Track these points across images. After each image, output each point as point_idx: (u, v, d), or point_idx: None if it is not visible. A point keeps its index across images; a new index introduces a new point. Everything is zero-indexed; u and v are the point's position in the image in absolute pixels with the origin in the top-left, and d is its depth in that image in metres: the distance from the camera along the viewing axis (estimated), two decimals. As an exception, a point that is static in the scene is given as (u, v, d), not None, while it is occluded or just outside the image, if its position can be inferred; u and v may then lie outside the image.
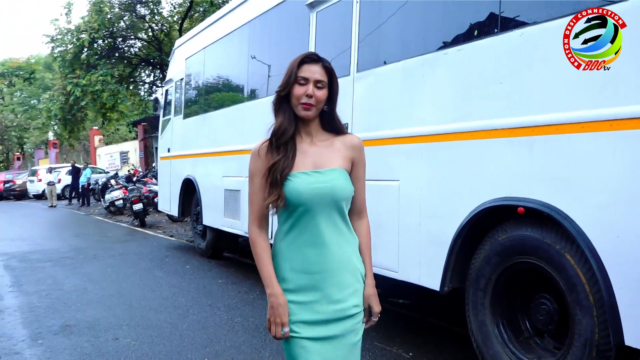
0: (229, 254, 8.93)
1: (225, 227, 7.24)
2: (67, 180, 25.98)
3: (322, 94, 1.99)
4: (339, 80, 2.11)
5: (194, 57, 8.63)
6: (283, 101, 2.03)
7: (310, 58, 2.02)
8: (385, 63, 4.34)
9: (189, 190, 8.75)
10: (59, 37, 20.76)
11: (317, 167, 2.00)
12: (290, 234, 2.00)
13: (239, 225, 6.76)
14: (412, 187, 3.98)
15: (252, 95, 6.65)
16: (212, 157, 7.64)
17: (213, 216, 7.69)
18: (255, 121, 6.15)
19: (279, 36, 6.17)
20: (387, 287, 6.01)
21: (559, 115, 2.95)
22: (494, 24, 3.39)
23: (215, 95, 8.07)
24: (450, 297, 3.98)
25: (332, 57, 4.92)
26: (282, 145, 1.99)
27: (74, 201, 23.73)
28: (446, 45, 3.76)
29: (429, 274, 3.83)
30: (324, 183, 1.95)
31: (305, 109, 1.98)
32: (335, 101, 2.06)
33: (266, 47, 6.40)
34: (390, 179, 4.19)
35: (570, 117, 2.89)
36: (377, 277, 4.35)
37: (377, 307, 2.11)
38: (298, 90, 1.97)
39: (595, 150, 2.77)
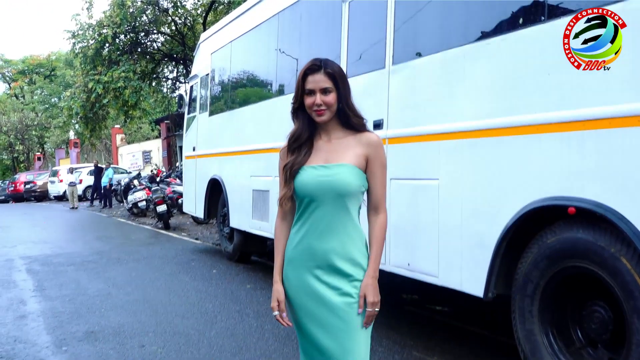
0: (257, 257, 8.99)
1: (254, 229, 7.30)
2: (89, 180, 26.50)
3: (330, 98, 2.25)
4: (374, 74, 2.19)
5: (220, 52, 8.72)
6: (298, 110, 2.33)
7: (312, 68, 2.27)
8: (423, 55, 4.32)
9: (215, 191, 8.85)
10: (80, 32, 21.17)
11: (327, 162, 2.27)
12: (298, 222, 2.31)
13: (267, 227, 6.81)
14: (453, 187, 3.96)
15: (281, 91, 6.70)
16: (240, 155, 7.72)
17: (241, 218, 7.76)
18: (284, 118, 6.12)
19: (309, 28, 6.19)
20: (425, 293, 6.00)
21: (613, 108, 2.89)
22: (541, 11, 3.35)
23: (242, 91, 8.14)
24: (494, 304, 3.94)
25: (366, 49, 4.94)
26: (297, 148, 2.30)
27: (96, 202, 24.20)
28: (488, 34, 3.73)
29: (471, 279, 3.80)
30: (327, 176, 2.22)
31: (318, 115, 2.27)
32: (348, 99, 2.30)
33: (296, 39, 6.44)
34: (429, 177, 4.17)
35: (625, 110, 2.83)
36: (415, 282, 4.36)
37: (371, 297, 2.24)
38: (308, 100, 2.26)
39: (654, 145, 2.71)
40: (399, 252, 4.49)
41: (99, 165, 25.62)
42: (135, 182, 19.17)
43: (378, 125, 4.62)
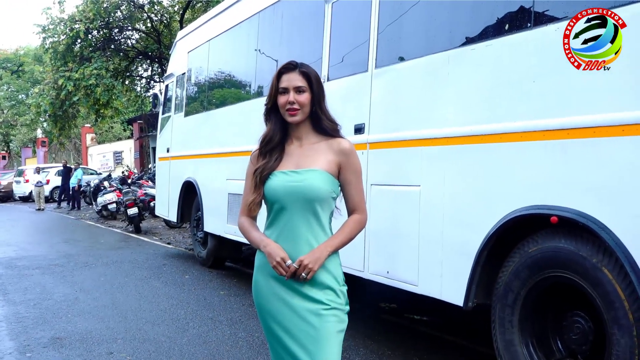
0: (232, 263, 8.96)
1: (229, 234, 7.27)
2: (56, 181, 26.16)
3: (304, 97, 2.30)
4: (356, 77, 2.22)
5: (197, 50, 8.69)
6: (271, 112, 2.39)
7: (287, 67, 2.33)
8: (406, 59, 4.36)
9: (189, 194, 8.80)
10: (51, 27, 20.92)
11: (298, 167, 2.31)
12: (269, 228, 2.34)
13: (243, 232, 6.77)
14: (434, 193, 3.99)
15: (260, 92, 6.69)
16: (216, 158, 7.69)
17: (215, 222, 7.73)
18: (262, 120, 6.14)
19: (290, 29, 6.20)
20: (404, 301, 6.03)
21: (597, 117, 2.95)
22: (527, 18, 3.40)
23: (219, 92, 8.12)
24: (474, 313, 3.97)
25: (349, 52, 4.96)
26: (268, 152, 2.34)
27: (64, 204, 23.88)
28: (473, 40, 3.78)
29: (451, 287, 3.84)
30: (297, 182, 2.26)
31: (291, 115, 2.31)
32: (322, 102, 2.35)
33: (277, 40, 6.44)
34: (410, 184, 4.20)
35: (609, 119, 2.89)
36: (394, 290, 4.37)
37: (307, 260, 2.20)
38: (281, 99, 2.32)
39: (638, 155, 2.77)
40: (378, 260, 4.51)
41: (68, 165, 25.29)
42: (106, 183, 19.00)
43: (359, 129, 4.64)
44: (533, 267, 3.34)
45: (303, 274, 2.19)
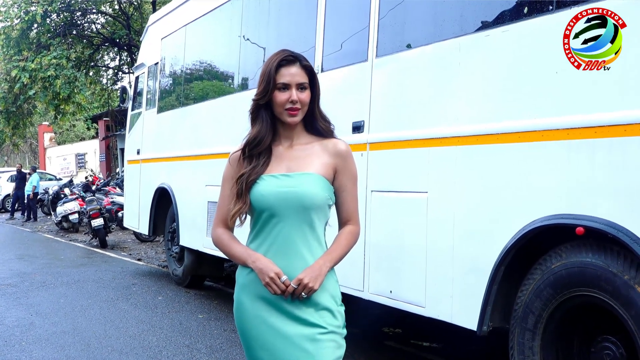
0: (212, 282, 8.96)
1: (208, 248, 7.27)
2: (9, 188, 26.10)
3: (306, 95, 2.30)
4: (354, 67, 2.24)
5: (172, 37, 8.70)
6: (261, 108, 2.35)
7: (287, 59, 2.31)
8: (412, 46, 4.39)
9: (162, 203, 8.80)
10: (2, 9, 20.92)
11: (289, 170, 2.32)
12: (254, 240, 2.34)
13: (225, 246, 6.78)
14: (443, 201, 4.01)
15: (245, 85, 6.72)
16: (193, 160, 7.70)
17: (193, 235, 7.73)
18: (247, 117, 6.14)
19: (279, 12, 6.23)
20: (410, 325, 6.04)
21: (630, 113, 2.98)
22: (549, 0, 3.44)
23: (198, 85, 8.13)
24: (490, 339, 3.99)
25: (346, 39, 4.99)
26: (255, 155, 2.33)
27: (17, 214, 23.84)
28: (488, 25, 3.81)
29: (463, 309, 3.85)
30: (290, 187, 2.26)
31: (291, 115, 2.30)
32: (318, 101, 2.38)
33: (263, 25, 6.47)
34: (416, 190, 4.23)
35: (642, 116, 2.92)
36: (398, 313, 4.38)
37: (307, 279, 2.20)
38: (280, 96, 2.29)
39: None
40: (379, 278, 4.52)
41: (23, 170, 25.24)
42: (66, 190, 18.96)
43: (358, 127, 4.66)
44: (556, 285, 3.36)
45: (303, 294, 2.20)
